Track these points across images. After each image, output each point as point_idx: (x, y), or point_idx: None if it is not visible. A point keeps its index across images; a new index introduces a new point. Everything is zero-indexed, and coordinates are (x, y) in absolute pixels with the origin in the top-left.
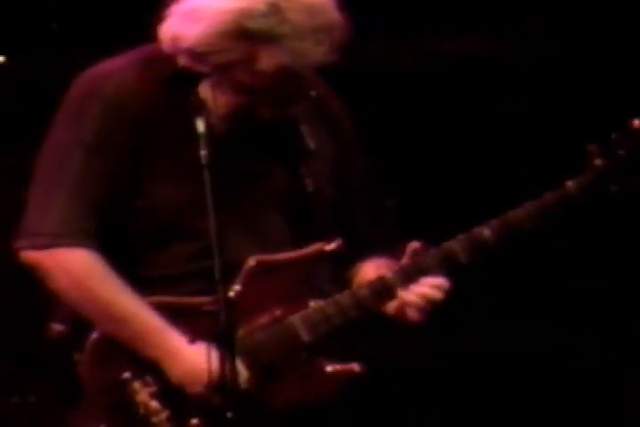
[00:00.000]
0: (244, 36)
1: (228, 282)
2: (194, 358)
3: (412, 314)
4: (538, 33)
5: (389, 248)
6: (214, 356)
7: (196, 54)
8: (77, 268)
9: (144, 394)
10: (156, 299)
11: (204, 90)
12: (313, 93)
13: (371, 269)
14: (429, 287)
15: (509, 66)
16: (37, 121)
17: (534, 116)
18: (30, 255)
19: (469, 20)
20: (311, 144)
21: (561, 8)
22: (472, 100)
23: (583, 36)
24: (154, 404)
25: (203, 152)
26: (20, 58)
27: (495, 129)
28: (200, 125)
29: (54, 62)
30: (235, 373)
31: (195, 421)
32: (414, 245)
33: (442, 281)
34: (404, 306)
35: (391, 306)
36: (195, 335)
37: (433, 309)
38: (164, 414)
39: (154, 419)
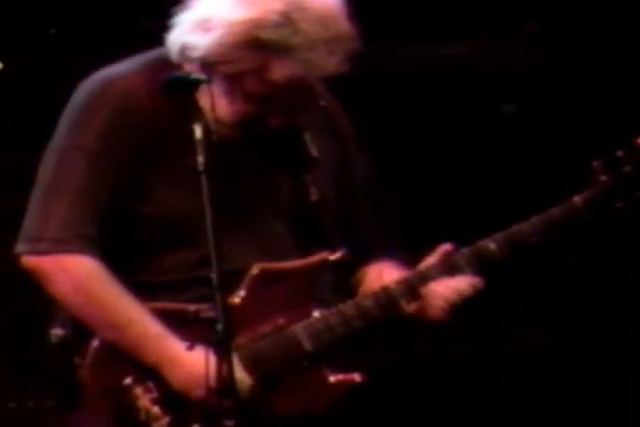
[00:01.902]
0: (255, 46)
1: (231, 290)
2: (193, 362)
3: (437, 310)
4: (538, 36)
5: (393, 253)
6: (213, 360)
7: (206, 64)
8: (78, 274)
9: (146, 400)
10: (155, 305)
11: (203, 96)
12: (322, 103)
13: (375, 276)
14: (463, 283)
15: (511, 70)
16: (36, 127)
17: (534, 121)
18: (31, 260)
19: (470, 23)
20: (314, 152)
21: (562, 10)
22: (474, 104)
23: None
24: (155, 410)
25: (200, 158)
26: (19, 63)
27: (497, 134)
28: (197, 132)
29: (53, 68)
30: (233, 376)
31: None
32: (445, 246)
33: (476, 280)
34: (429, 301)
35: (412, 304)
36: (194, 342)
37: (460, 306)
38: (164, 421)
39: (155, 425)
